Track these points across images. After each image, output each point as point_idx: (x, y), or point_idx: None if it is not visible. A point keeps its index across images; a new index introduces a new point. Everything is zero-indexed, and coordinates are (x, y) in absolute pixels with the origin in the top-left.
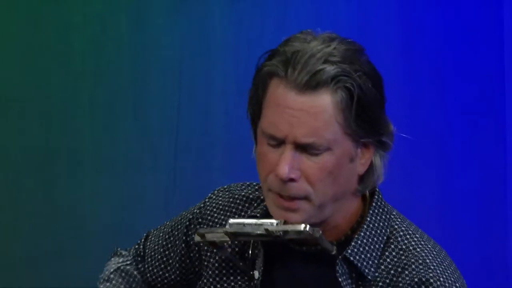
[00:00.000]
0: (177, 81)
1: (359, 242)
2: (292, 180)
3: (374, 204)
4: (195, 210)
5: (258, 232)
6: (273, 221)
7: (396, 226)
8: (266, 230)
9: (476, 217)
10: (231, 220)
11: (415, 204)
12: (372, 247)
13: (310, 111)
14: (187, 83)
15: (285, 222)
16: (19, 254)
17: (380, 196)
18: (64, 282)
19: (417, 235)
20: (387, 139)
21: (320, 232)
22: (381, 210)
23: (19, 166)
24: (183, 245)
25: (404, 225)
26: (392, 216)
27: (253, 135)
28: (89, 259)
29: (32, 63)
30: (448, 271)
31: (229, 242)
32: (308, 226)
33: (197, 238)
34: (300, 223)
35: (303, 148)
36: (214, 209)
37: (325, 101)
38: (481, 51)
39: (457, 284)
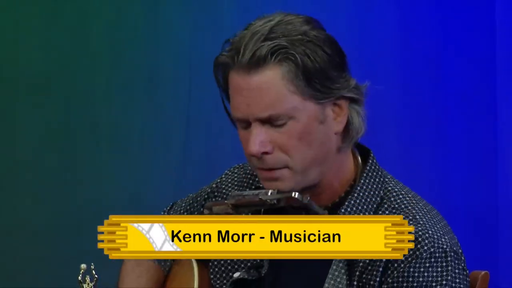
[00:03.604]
0: (188, 63)
1: (352, 202)
2: (266, 153)
3: (368, 167)
4: (213, 185)
5: (255, 200)
6: (269, 191)
7: (390, 188)
8: (260, 199)
9: (468, 185)
10: (233, 192)
11: (411, 173)
12: (365, 206)
13: (262, 87)
14: (197, 65)
15: (278, 191)
16: (41, 223)
17: (374, 160)
18: (80, 252)
19: (409, 195)
20: (353, 94)
21: (309, 198)
22: (375, 174)
23: (40, 140)
24: None
25: (398, 187)
26: (387, 179)
27: (233, 124)
28: None
29: (53, 47)
30: (437, 226)
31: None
32: (297, 193)
33: (205, 211)
34: (291, 190)
35: (267, 122)
36: (229, 184)
37: (272, 76)
38: (474, 39)
39: (446, 237)
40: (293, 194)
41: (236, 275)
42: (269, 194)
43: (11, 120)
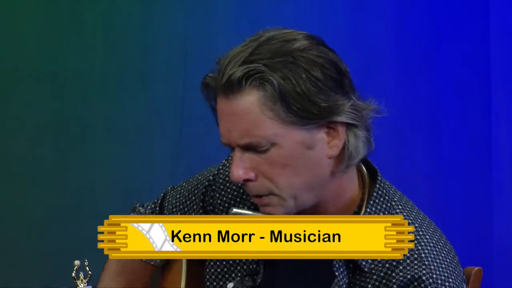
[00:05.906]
0: (182, 53)
1: None
2: (249, 180)
3: (375, 193)
4: (210, 177)
5: None
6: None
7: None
8: None
9: (462, 181)
10: (234, 210)
11: (406, 169)
12: None
13: (238, 113)
14: (192, 55)
15: None
16: (34, 218)
17: (382, 184)
18: (77, 242)
19: (417, 223)
20: (348, 119)
21: None
22: (381, 199)
23: (34, 133)
24: (201, 211)
25: (405, 212)
26: (393, 203)
27: None
28: (98, 222)
29: (46, 38)
30: (444, 264)
31: None
32: None
33: None
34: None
35: (250, 148)
36: (227, 178)
37: (248, 101)
38: (467, 17)
39: (450, 280)
40: None
41: (230, 286)
42: None
43: (4, 115)
